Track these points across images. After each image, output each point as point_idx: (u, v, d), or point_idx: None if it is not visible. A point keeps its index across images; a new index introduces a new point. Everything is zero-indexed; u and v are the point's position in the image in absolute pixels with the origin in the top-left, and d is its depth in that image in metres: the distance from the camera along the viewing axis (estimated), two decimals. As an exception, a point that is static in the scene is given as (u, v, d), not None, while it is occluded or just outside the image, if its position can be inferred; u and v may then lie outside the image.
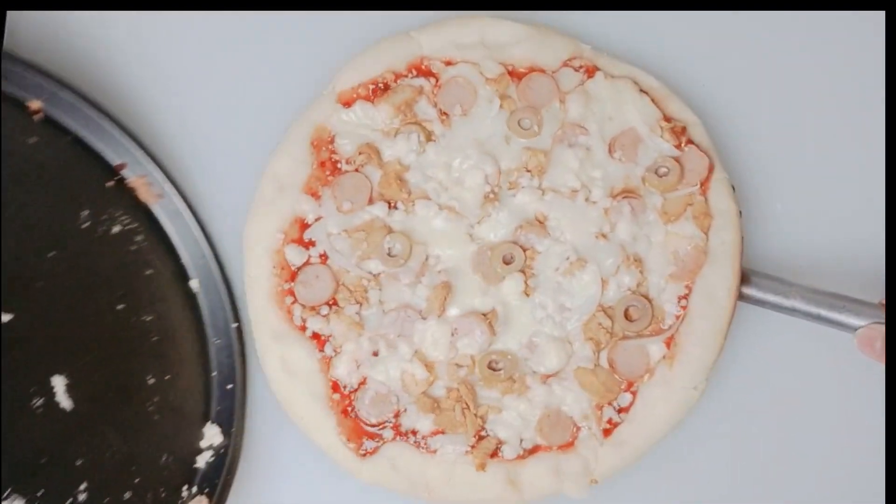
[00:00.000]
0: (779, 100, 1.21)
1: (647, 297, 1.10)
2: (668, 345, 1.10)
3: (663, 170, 1.12)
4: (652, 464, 1.13)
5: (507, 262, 1.09)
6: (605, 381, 1.09)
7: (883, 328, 1.03)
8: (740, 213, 1.13)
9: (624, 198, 1.11)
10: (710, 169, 1.12)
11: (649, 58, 1.19)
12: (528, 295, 1.10)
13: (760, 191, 1.19)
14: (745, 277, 1.10)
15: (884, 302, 1.05)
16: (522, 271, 1.10)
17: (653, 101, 1.13)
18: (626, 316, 1.10)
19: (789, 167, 1.20)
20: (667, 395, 1.09)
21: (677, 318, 1.10)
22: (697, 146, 1.13)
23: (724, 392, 1.15)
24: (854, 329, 1.06)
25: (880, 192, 1.17)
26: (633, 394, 1.10)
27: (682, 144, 1.13)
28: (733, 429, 1.16)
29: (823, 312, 1.07)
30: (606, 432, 1.09)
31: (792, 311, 1.09)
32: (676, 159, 1.12)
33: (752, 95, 1.21)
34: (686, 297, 1.10)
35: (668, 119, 1.13)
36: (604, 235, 1.11)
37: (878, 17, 1.19)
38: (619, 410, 1.10)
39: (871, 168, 1.19)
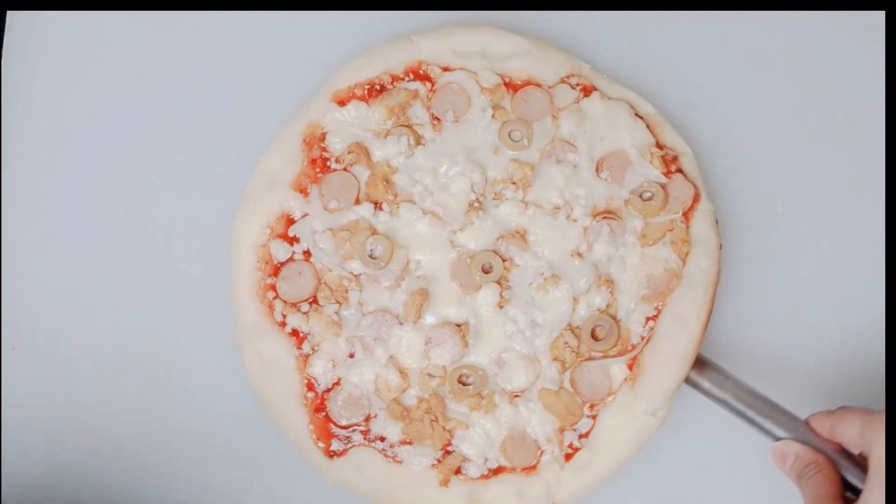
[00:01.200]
0: (775, 132, 1.20)
1: (614, 318, 1.09)
2: (630, 366, 1.08)
3: (647, 194, 1.11)
4: (616, 490, 1.11)
5: (485, 272, 1.09)
6: (567, 403, 1.07)
7: (797, 446, 1.00)
8: (721, 245, 1.11)
9: (604, 218, 1.10)
10: (696, 199, 1.11)
11: (648, 83, 1.18)
12: (501, 307, 1.09)
13: (746, 226, 1.18)
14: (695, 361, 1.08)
15: (808, 420, 1.02)
16: (499, 282, 1.09)
17: (647, 126, 1.13)
18: (593, 335, 1.09)
19: (779, 203, 1.19)
20: (627, 420, 1.07)
21: (643, 338, 1.09)
22: (686, 176, 1.12)
23: (688, 421, 1.13)
24: (774, 438, 1.03)
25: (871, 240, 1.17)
26: (594, 418, 1.08)
27: (671, 172, 1.12)
28: (696, 459, 1.14)
29: (749, 413, 1.04)
30: (568, 457, 1.08)
31: (721, 403, 1.06)
32: (663, 186, 1.11)
33: (749, 130, 1.20)
34: (654, 318, 1.09)
35: (660, 146, 1.12)
36: (579, 254, 1.10)
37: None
38: (580, 436, 1.08)
39: (871, 212, 1.18)
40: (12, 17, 1.19)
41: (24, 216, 1.17)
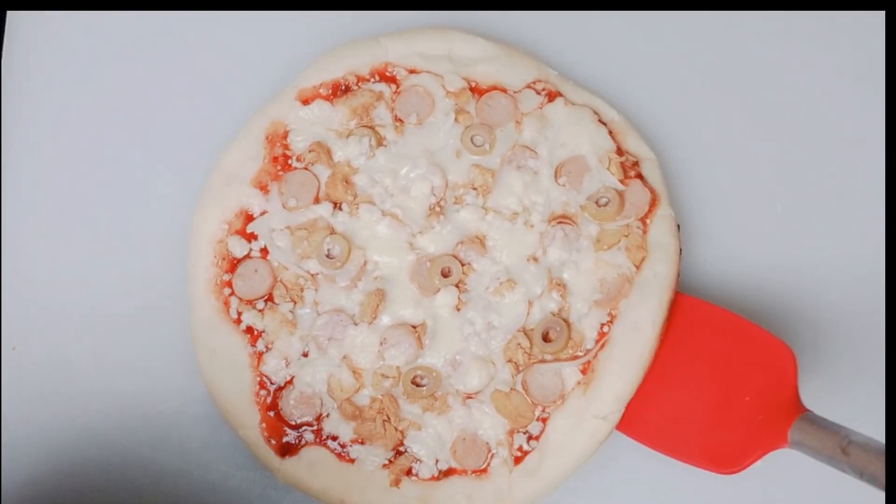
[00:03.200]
0: (769, 137, 1.21)
1: (566, 321, 1.09)
2: (584, 371, 1.08)
3: (603, 200, 1.11)
4: (570, 497, 1.12)
5: (445, 275, 1.09)
6: (518, 405, 1.07)
7: None
8: (681, 250, 1.11)
9: (559, 223, 1.11)
10: (653, 204, 1.11)
11: (616, 89, 1.19)
12: (458, 310, 1.09)
13: (711, 232, 1.19)
14: (802, 420, 0.97)
15: None
16: (457, 286, 1.09)
17: (611, 133, 1.13)
18: (545, 338, 1.09)
19: (748, 208, 1.20)
20: (577, 424, 1.07)
21: (597, 342, 1.09)
22: (645, 181, 1.12)
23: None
24: None
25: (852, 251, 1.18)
26: (544, 421, 1.08)
27: (628, 178, 1.12)
28: (652, 465, 1.12)
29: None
30: (517, 460, 1.08)
31: (860, 477, 0.91)
32: (619, 193, 1.11)
33: (733, 136, 1.21)
34: (609, 323, 1.09)
35: (620, 153, 1.12)
36: (535, 259, 1.10)
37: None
38: (529, 438, 1.08)
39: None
40: (12, 17, 1.20)
41: (24, 216, 1.16)
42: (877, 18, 1.22)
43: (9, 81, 1.18)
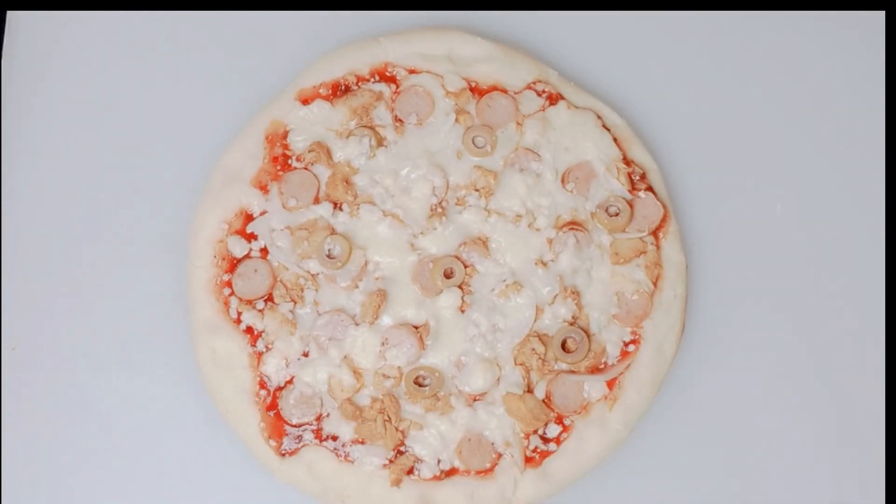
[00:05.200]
0: (767, 140, 1.21)
1: (586, 331, 1.10)
2: (610, 386, 1.09)
3: (613, 209, 1.11)
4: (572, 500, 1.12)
5: (447, 276, 1.09)
6: (532, 408, 1.07)
7: None
8: (686, 265, 1.12)
9: (570, 229, 1.10)
10: (664, 219, 1.12)
11: (615, 88, 1.19)
12: (462, 311, 1.09)
13: (710, 233, 1.19)
14: None
15: None
16: (460, 287, 1.09)
17: (615, 140, 1.13)
18: (564, 348, 1.09)
19: (747, 209, 1.20)
20: (602, 434, 1.08)
21: (620, 361, 1.10)
22: (656, 194, 1.12)
23: (650, 434, 1.14)
24: None
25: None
26: (565, 427, 1.09)
27: (640, 189, 1.12)
28: (649, 475, 1.15)
29: None
30: (529, 460, 1.08)
31: None
32: (629, 202, 1.11)
33: (734, 140, 1.21)
34: (634, 342, 1.10)
35: (627, 162, 1.13)
36: (543, 263, 1.10)
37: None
38: (546, 440, 1.08)
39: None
40: (12, 17, 1.20)
41: (24, 216, 1.16)
42: (877, 18, 1.22)
43: (9, 81, 1.18)
